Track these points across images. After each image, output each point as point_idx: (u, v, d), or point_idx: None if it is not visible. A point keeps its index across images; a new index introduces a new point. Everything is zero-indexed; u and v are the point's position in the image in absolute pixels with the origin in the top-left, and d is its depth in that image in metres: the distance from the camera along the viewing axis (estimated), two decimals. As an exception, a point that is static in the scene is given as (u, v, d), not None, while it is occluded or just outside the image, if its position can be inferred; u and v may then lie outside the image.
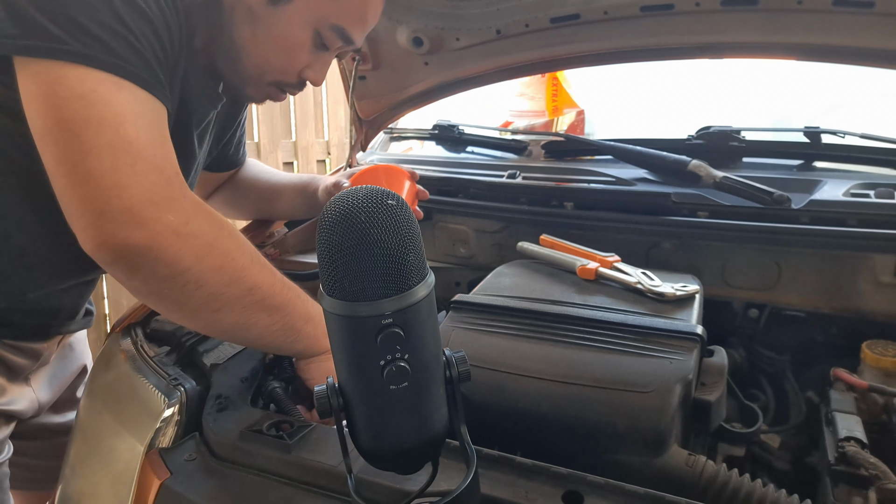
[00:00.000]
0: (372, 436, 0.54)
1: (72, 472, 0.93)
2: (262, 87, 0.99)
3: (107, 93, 0.72)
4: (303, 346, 0.86)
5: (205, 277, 0.75)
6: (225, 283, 0.77)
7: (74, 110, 0.71)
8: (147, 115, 0.76)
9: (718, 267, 1.15)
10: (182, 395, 0.83)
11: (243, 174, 1.38)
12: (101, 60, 0.72)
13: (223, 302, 0.78)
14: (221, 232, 0.78)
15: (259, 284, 0.80)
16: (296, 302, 0.84)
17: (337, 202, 0.48)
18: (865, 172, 1.24)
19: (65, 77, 0.71)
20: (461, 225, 1.38)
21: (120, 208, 0.70)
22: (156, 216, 0.71)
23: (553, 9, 1.27)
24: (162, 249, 0.72)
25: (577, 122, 1.80)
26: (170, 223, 0.72)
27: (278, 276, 0.84)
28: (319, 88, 3.70)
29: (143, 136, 0.74)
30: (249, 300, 0.79)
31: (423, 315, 0.49)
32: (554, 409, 0.79)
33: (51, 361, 1.11)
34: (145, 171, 0.72)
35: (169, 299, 0.77)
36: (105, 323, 2.82)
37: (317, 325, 0.86)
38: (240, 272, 0.78)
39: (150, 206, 0.71)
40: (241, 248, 0.80)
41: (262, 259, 0.83)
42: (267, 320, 0.81)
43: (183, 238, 0.73)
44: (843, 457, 0.76)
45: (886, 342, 0.98)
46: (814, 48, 1.17)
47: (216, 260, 0.76)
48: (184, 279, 0.74)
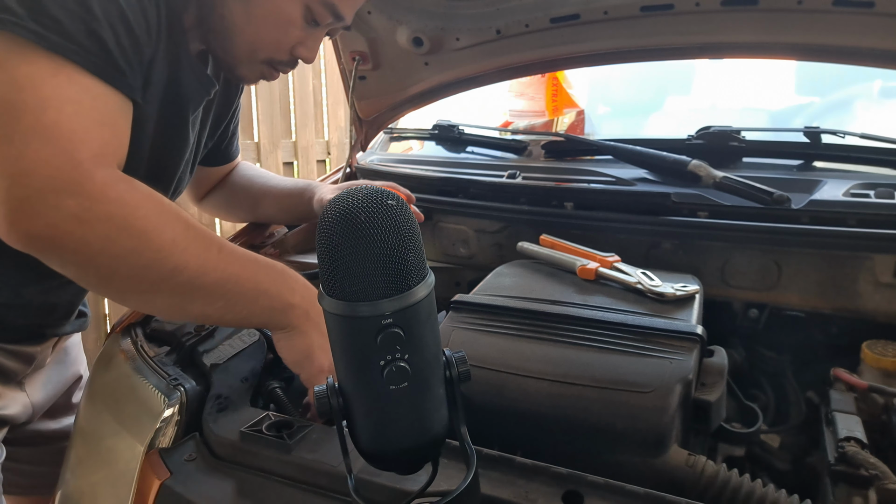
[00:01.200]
0: (372, 436, 0.54)
1: (72, 473, 0.93)
2: (255, 65, 0.98)
3: (40, 77, 0.70)
4: (260, 321, 0.83)
5: (118, 262, 0.72)
6: (142, 266, 0.73)
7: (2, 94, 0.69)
8: (81, 102, 0.72)
9: (718, 267, 1.15)
10: (182, 396, 0.83)
11: (238, 177, 1.37)
12: (49, 40, 0.70)
13: (146, 285, 0.74)
14: (136, 212, 0.73)
15: (185, 264, 0.75)
16: (240, 275, 0.79)
17: (337, 202, 0.48)
18: (865, 172, 1.24)
19: (5, 59, 0.69)
20: (461, 225, 1.38)
21: (19, 197, 0.68)
22: (54, 203, 0.68)
23: (553, 9, 1.27)
24: (64, 237, 0.69)
25: (577, 122, 1.80)
26: (70, 209, 0.68)
27: (216, 249, 0.78)
28: (319, 88, 3.70)
29: (65, 121, 0.70)
30: (175, 282, 0.75)
31: (423, 315, 0.49)
32: (554, 410, 0.79)
33: (46, 366, 1.11)
34: (51, 157, 0.68)
35: (91, 284, 0.76)
36: (105, 323, 2.82)
37: (273, 298, 0.82)
38: (157, 253, 0.73)
39: (50, 194, 0.68)
40: (161, 226, 0.74)
41: (195, 235, 0.77)
42: (204, 299, 0.78)
43: (87, 224, 0.69)
44: (843, 457, 0.76)
45: (886, 342, 0.98)
46: (814, 48, 1.18)
47: (128, 243, 0.71)
48: (96, 264, 0.72)
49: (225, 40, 0.95)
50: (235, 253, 0.81)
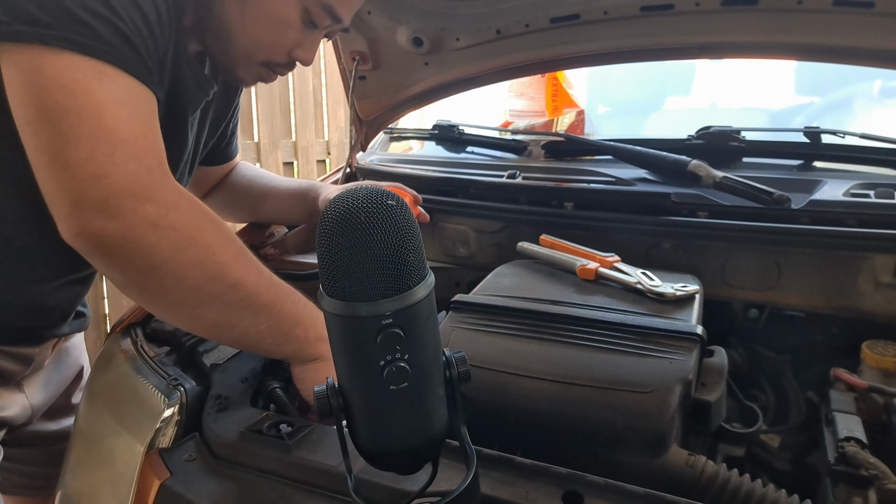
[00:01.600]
0: (372, 436, 0.54)
1: (72, 473, 0.93)
2: (253, 67, 0.97)
3: (88, 82, 0.71)
4: (291, 349, 0.84)
5: (183, 271, 0.74)
6: (205, 279, 0.75)
7: (55, 100, 0.71)
8: (130, 104, 0.75)
9: (718, 267, 1.15)
10: (182, 396, 0.83)
11: (239, 177, 1.37)
12: (86, 46, 0.72)
13: (203, 298, 0.76)
14: (205, 225, 0.76)
15: (242, 282, 0.77)
16: (284, 302, 0.82)
17: (337, 202, 0.48)
18: (865, 172, 1.24)
19: (48, 66, 0.71)
20: (461, 225, 1.38)
21: (96, 198, 0.70)
22: (132, 207, 0.70)
23: (553, 9, 1.27)
24: (138, 241, 0.71)
25: (577, 122, 1.80)
26: (147, 214, 0.71)
27: (266, 274, 0.82)
28: (319, 88, 3.70)
29: (123, 125, 0.72)
30: (232, 297, 0.77)
31: (423, 315, 0.49)
32: (554, 410, 0.79)
33: (45, 366, 1.11)
34: (124, 161, 0.71)
35: (148, 292, 0.76)
36: (105, 323, 2.82)
37: (307, 329, 0.84)
38: (221, 268, 0.76)
39: (128, 197, 0.70)
40: (225, 243, 0.78)
41: (250, 256, 0.81)
42: (251, 320, 0.79)
43: (161, 230, 0.72)
44: (843, 457, 0.76)
45: (886, 342, 0.98)
46: (814, 48, 1.17)
47: (196, 254, 0.74)
48: (161, 272, 0.73)
49: (223, 42, 0.95)
50: (279, 281, 0.83)
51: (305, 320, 0.84)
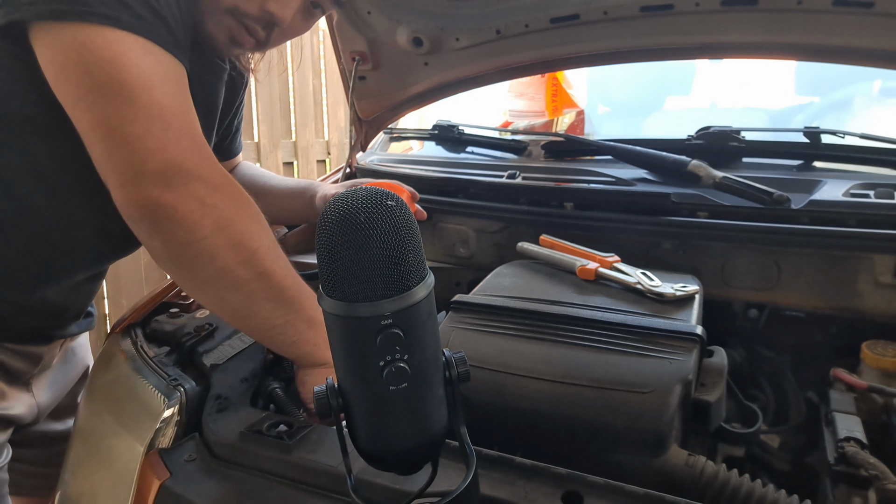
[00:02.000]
0: (371, 436, 0.54)
1: (71, 473, 0.93)
2: (220, 16, 0.93)
3: (135, 56, 0.74)
4: (301, 350, 0.85)
5: (219, 251, 0.76)
6: (238, 262, 0.77)
7: (108, 74, 0.73)
8: (172, 80, 0.77)
9: (718, 267, 1.15)
10: (182, 396, 0.84)
11: (239, 176, 1.37)
12: (126, 22, 0.74)
13: (232, 280, 0.78)
14: (245, 210, 0.79)
15: (272, 272, 0.80)
16: (304, 303, 0.83)
17: (337, 203, 0.48)
18: (865, 172, 1.24)
19: (91, 42, 0.73)
20: (461, 225, 1.38)
21: (155, 170, 0.73)
22: (185, 181, 0.74)
23: (553, 9, 1.27)
24: (185, 214, 0.74)
25: (577, 122, 1.80)
26: (196, 190, 0.75)
27: (293, 272, 0.84)
28: (319, 88, 3.70)
29: (171, 102, 0.76)
30: (259, 285, 0.79)
31: (422, 316, 0.50)
32: (554, 410, 0.79)
33: (53, 366, 1.11)
34: (178, 137, 0.75)
35: (183, 266, 0.79)
36: (105, 323, 2.82)
37: (319, 333, 0.84)
38: (254, 254, 0.78)
39: (181, 171, 0.74)
40: (260, 231, 0.80)
41: (281, 252, 0.83)
42: (271, 312, 0.81)
43: (206, 207, 0.75)
44: (842, 457, 0.76)
45: (886, 342, 0.98)
46: (814, 48, 1.17)
47: (233, 236, 0.77)
48: (199, 248, 0.76)
49: None
50: (302, 281, 0.85)
51: (319, 326, 0.85)
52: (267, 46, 1.00)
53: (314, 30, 3.56)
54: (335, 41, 1.49)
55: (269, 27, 0.96)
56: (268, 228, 0.82)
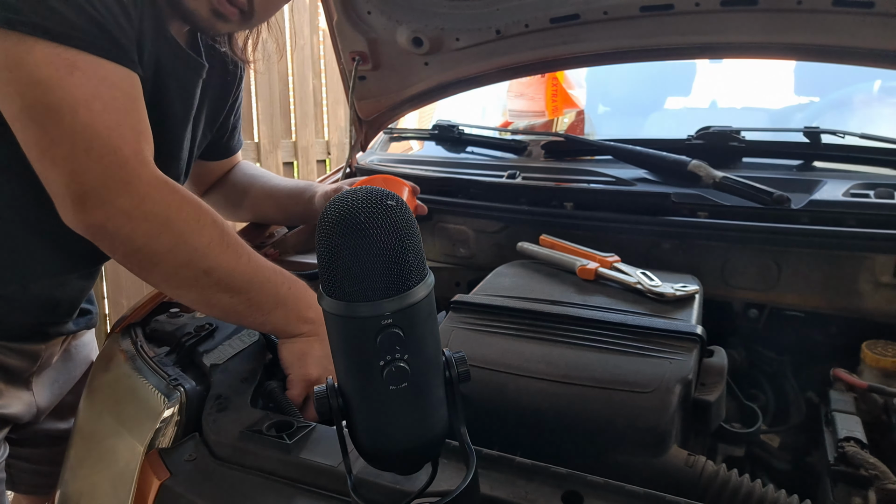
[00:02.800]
0: (371, 436, 0.54)
1: (71, 473, 0.93)
2: None
3: (61, 77, 0.74)
4: (272, 327, 0.89)
5: (157, 258, 0.79)
6: (178, 265, 0.80)
7: (35, 97, 0.74)
8: (103, 95, 0.77)
9: (718, 267, 1.15)
10: (182, 396, 0.83)
11: (239, 176, 1.37)
12: (57, 33, 0.74)
13: (179, 280, 0.82)
14: (178, 214, 0.80)
15: (217, 267, 0.81)
16: (262, 285, 0.85)
17: (337, 202, 0.48)
18: (865, 172, 1.24)
19: (22, 61, 0.73)
20: (461, 225, 1.38)
21: (79, 192, 0.75)
22: (109, 199, 0.76)
23: (553, 9, 1.27)
24: (116, 230, 0.77)
25: (577, 122, 1.80)
26: (122, 206, 0.76)
27: (245, 259, 0.85)
28: (319, 88, 3.70)
29: (97, 119, 0.76)
30: (206, 281, 0.82)
31: (422, 315, 0.50)
32: (554, 410, 0.79)
33: (53, 364, 1.11)
34: (99, 156, 0.75)
35: (136, 272, 0.83)
36: (105, 323, 2.82)
37: (290, 310, 0.87)
38: (193, 254, 0.80)
39: (104, 190, 0.76)
40: (199, 230, 0.81)
41: (230, 241, 0.84)
42: (229, 300, 0.84)
43: (135, 220, 0.77)
44: (842, 457, 0.76)
45: (886, 342, 0.98)
46: (814, 48, 1.17)
47: (168, 241, 0.79)
48: (139, 257, 0.79)
49: None
50: (262, 263, 0.87)
51: (287, 302, 0.88)
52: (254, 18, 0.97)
53: (314, 30, 3.56)
54: (335, 41, 1.49)
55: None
56: (211, 223, 0.83)
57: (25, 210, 0.90)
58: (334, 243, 0.47)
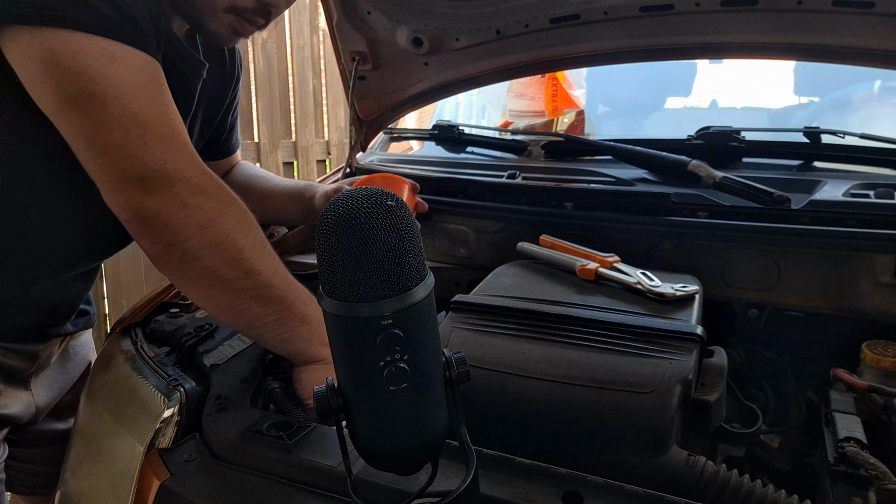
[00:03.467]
0: (371, 436, 0.54)
1: (71, 473, 0.93)
2: (220, 15, 0.94)
3: (101, 66, 0.75)
4: (295, 347, 0.86)
5: (203, 250, 0.78)
6: (222, 261, 0.79)
7: (78, 87, 0.74)
8: (144, 84, 0.78)
9: (718, 267, 1.15)
10: (182, 396, 0.83)
11: (239, 176, 1.37)
12: (88, 24, 0.74)
13: (217, 279, 0.80)
14: (229, 210, 0.80)
15: (257, 271, 0.81)
16: (294, 300, 0.84)
17: (337, 203, 0.48)
18: (865, 172, 1.24)
19: (58, 53, 0.74)
20: (461, 225, 1.38)
21: (136, 175, 0.75)
22: (167, 184, 0.76)
23: (553, 9, 1.27)
24: (169, 216, 0.76)
25: (577, 122, 1.80)
26: (178, 192, 0.76)
27: (282, 269, 0.85)
28: (319, 88, 3.70)
29: (145, 106, 0.77)
30: (244, 284, 0.81)
31: (422, 316, 0.49)
32: (554, 410, 0.79)
33: (52, 364, 1.11)
34: (156, 142, 0.76)
35: (171, 265, 0.81)
36: (105, 323, 2.82)
37: (312, 330, 0.85)
38: (239, 253, 0.80)
39: (162, 176, 0.76)
40: (245, 230, 0.81)
41: (269, 249, 0.84)
42: (260, 310, 0.82)
43: (188, 209, 0.76)
44: (842, 457, 0.76)
45: (886, 342, 0.98)
46: (814, 48, 1.18)
47: (216, 236, 0.78)
48: (183, 248, 0.78)
49: None
50: (293, 279, 0.87)
51: (312, 322, 0.86)
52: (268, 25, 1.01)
53: (314, 30, 3.56)
54: (335, 41, 1.49)
55: (267, 14, 0.98)
56: (255, 227, 0.83)
57: (26, 211, 0.90)
58: (334, 243, 0.47)
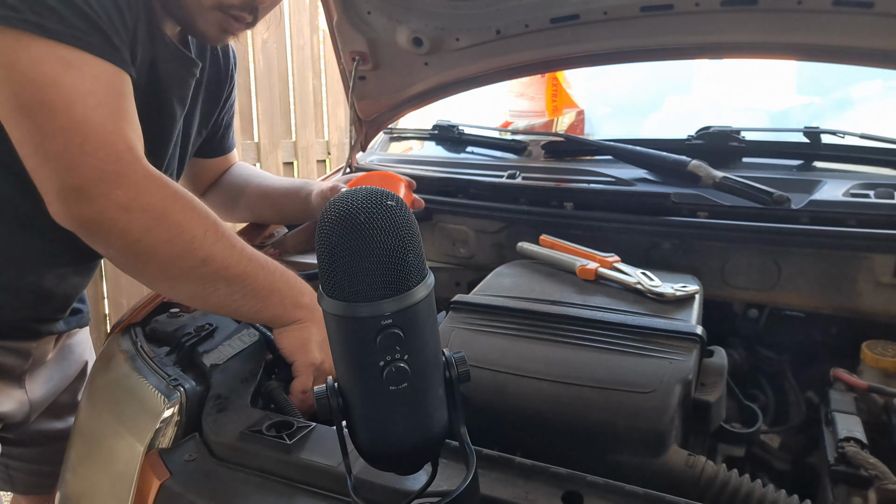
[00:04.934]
0: (371, 436, 0.54)
1: (72, 473, 0.93)
2: (207, 13, 0.94)
3: (56, 74, 0.75)
4: (270, 315, 0.89)
5: (155, 249, 0.79)
6: (175, 255, 0.80)
7: (30, 94, 0.75)
8: (98, 92, 0.78)
9: (718, 267, 1.15)
10: (182, 396, 0.83)
11: (235, 177, 1.37)
12: (52, 30, 0.75)
13: (176, 272, 0.82)
14: (173, 205, 0.80)
15: (213, 256, 0.82)
16: (257, 274, 0.86)
17: (337, 203, 0.48)
18: (865, 172, 1.24)
19: (17, 59, 0.74)
20: (461, 225, 1.38)
21: (73, 186, 0.76)
22: (104, 192, 0.76)
23: (553, 9, 1.27)
24: (111, 223, 0.76)
25: (577, 122, 1.80)
26: (117, 199, 0.76)
27: (239, 248, 0.85)
28: (319, 88, 3.70)
29: (92, 114, 0.77)
30: (203, 271, 0.82)
31: (422, 316, 0.50)
32: (554, 410, 0.79)
33: (47, 362, 1.11)
34: (94, 150, 0.76)
35: (128, 267, 0.83)
36: (105, 323, 2.82)
37: (283, 296, 0.88)
38: (190, 244, 0.80)
39: (99, 184, 0.76)
40: (194, 220, 0.82)
41: (222, 232, 0.84)
42: (225, 290, 0.84)
43: (131, 212, 0.77)
44: (842, 457, 0.76)
45: (886, 342, 0.98)
46: (814, 48, 1.17)
47: (165, 233, 0.79)
48: (135, 250, 0.79)
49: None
50: (254, 253, 0.88)
51: (281, 289, 0.88)
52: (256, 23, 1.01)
53: (314, 30, 3.56)
54: (335, 41, 1.49)
55: (254, 10, 0.98)
56: (204, 214, 0.84)
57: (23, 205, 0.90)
58: (334, 244, 0.47)
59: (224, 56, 1.20)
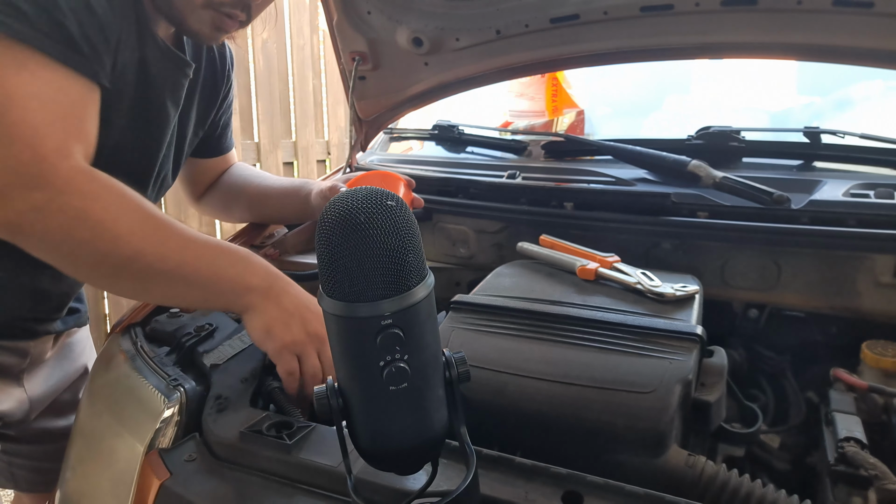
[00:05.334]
0: (371, 436, 0.54)
1: (72, 473, 0.93)
2: (198, 12, 0.93)
3: (7, 75, 0.75)
4: (221, 303, 0.86)
5: (80, 249, 0.77)
6: (100, 255, 0.78)
7: None
8: (44, 95, 0.77)
9: (718, 267, 1.15)
10: (182, 396, 0.83)
11: (235, 177, 1.37)
12: (14, 30, 0.74)
13: (108, 270, 0.80)
14: (95, 204, 0.77)
15: (142, 251, 0.79)
16: (197, 262, 0.82)
17: (337, 203, 0.48)
18: (865, 172, 1.24)
19: None
20: (461, 225, 1.38)
21: None
22: (21, 195, 0.74)
23: (553, 9, 1.27)
24: (29, 226, 0.75)
25: (577, 122, 1.80)
26: (35, 201, 0.74)
27: (176, 238, 0.82)
28: (319, 88, 3.70)
29: (29, 118, 0.75)
30: (136, 267, 0.79)
31: (422, 316, 0.50)
32: (554, 410, 0.79)
33: (47, 361, 1.11)
34: (18, 152, 0.74)
35: (64, 268, 0.81)
36: (105, 323, 2.82)
37: (230, 281, 0.84)
38: (114, 242, 0.77)
39: (17, 187, 0.74)
40: (119, 216, 0.78)
41: (156, 223, 0.81)
42: (164, 284, 0.82)
43: (48, 215, 0.75)
44: (842, 457, 0.76)
45: (886, 342, 0.98)
46: (814, 48, 1.17)
47: (84, 233, 0.76)
48: (61, 252, 0.78)
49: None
50: (196, 240, 0.84)
51: (226, 274, 0.84)
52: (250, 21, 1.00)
53: (314, 30, 3.56)
54: (335, 41, 1.49)
55: (247, 7, 0.97)
56: (135, 207, 0.80)
57: None
58: (334, 244, 0.47)
59: (220, 56, 1.20)
